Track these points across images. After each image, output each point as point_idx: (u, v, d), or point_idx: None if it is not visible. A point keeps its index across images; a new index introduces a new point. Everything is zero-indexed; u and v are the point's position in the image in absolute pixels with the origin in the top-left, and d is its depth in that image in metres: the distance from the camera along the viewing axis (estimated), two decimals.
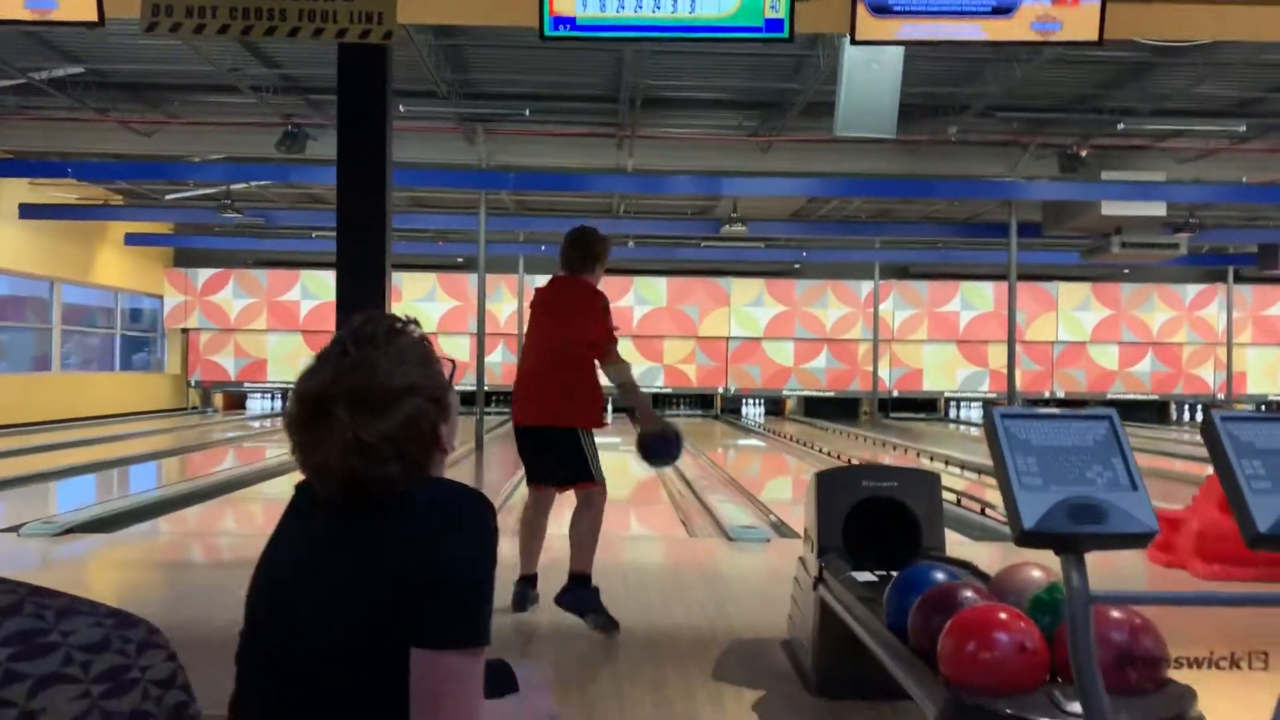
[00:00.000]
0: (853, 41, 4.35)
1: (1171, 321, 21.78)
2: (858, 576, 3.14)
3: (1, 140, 12.23)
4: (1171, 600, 1.69)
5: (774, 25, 4.23)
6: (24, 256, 16.00)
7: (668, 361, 21.58)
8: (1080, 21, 4.28)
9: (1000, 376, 18.98)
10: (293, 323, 20.67)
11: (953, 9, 4.33)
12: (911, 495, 3.39)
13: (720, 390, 21.88)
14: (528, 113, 11.40)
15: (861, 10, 4.33)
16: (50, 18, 4.16)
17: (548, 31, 4.28)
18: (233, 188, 14.89)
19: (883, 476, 3.50)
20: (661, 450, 4.50)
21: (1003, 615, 2.13)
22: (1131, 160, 12.36)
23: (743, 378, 21.77)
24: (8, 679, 0.73)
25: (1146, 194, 12.35)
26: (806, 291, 21.62)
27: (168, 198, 16.38)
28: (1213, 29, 6.28)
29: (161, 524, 7.50)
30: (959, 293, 21.63)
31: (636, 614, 4.46)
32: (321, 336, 1.53)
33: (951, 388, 21.90)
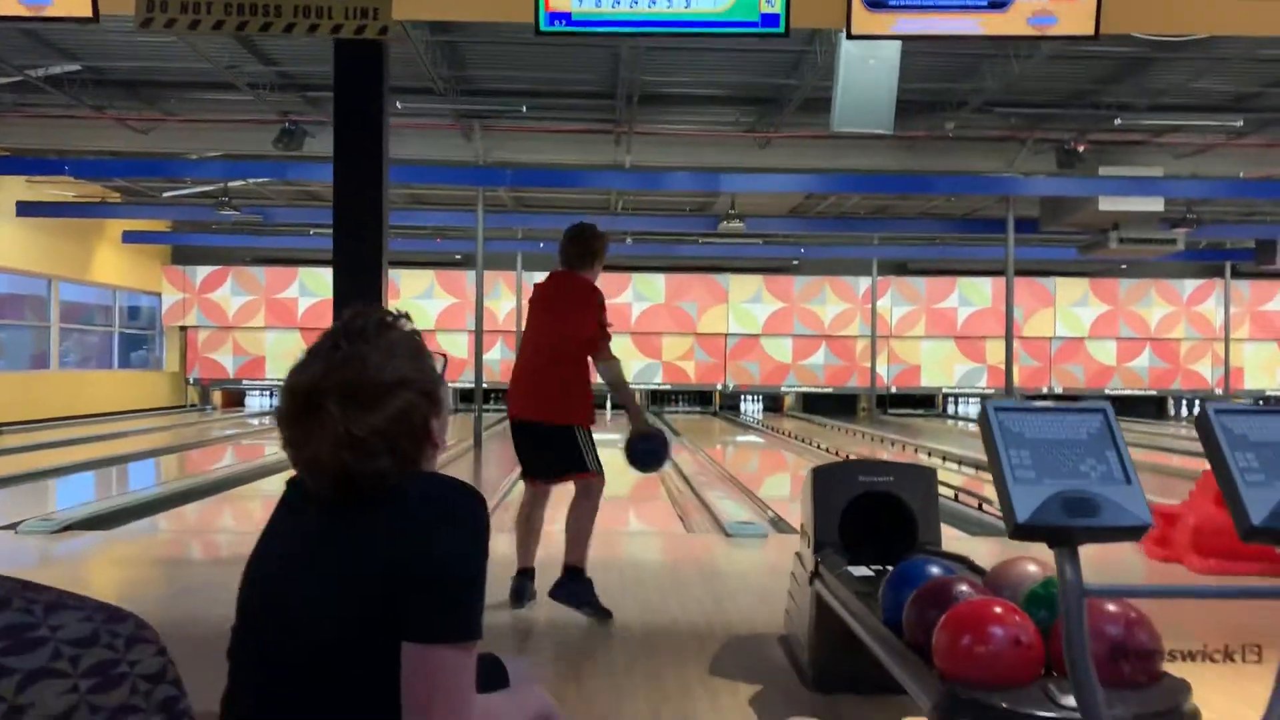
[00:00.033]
0: (848, 36, 4.34)
1: (1169, 317, 21.80)
2: (854, 571, 3.14)
3: None
4: (1165, 593, 1.70)
5: (769, 20, 4.23)
6: (21, 254, 15.99)
7: (666, 358, 21.58)
8: (1076, 16, 4.27)
9: (998, 372, 19.00)
10: (291, 320, 20.65)
11: (948, 3, 4.33)
12: (907, 490, 3.39)
13: (719, 387, 21.89)
14: (525, 109, 11.39)
15: (857, 5, 4.32)
16: (44, 14, 4.15)
17: (543, 26, 4.27)
18: (230, 185, 14.87)
19: (879, 471, 3.50)
20: (646, 455, 4.48)
21: (998, 609, 2.13)
22: (1129, 156, 12.35)
23: (741, 374, 21.77)
24: None
25: (1144, 189, 12.35)
26: (805, 288, 21.62)
27: (165, 195, 16.37)
28: (1209, 24, 6.28)
29: (160, 521, 7.50)
30: (957, 289, 21.63)
31: (634, 610, 4.46)
32: (319, 334, 1.53)
33: (949, 384, 21.90)
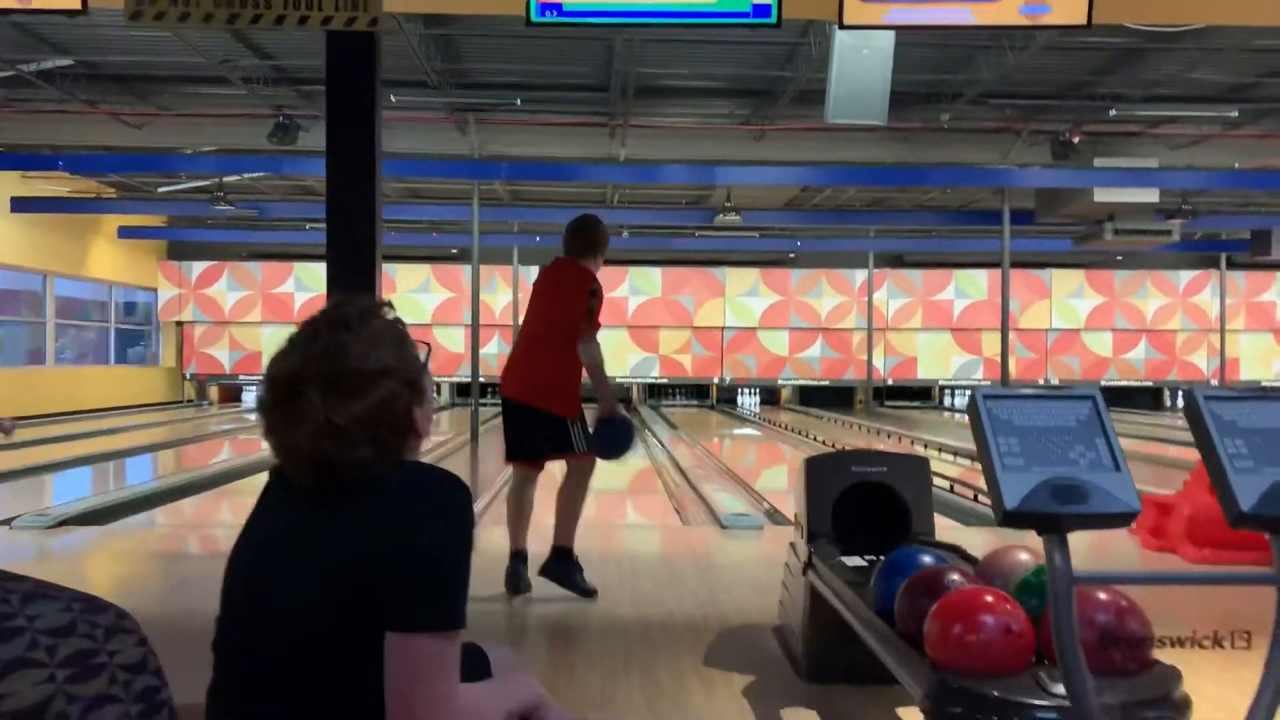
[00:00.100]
0: (840, 26, 4.33)
1: (1165, 308, 21.81)
2: (847, 561, 3.14)
3: None
4: (1153, 580, 1.70)
5: (761, 10, 4.21)
6: (16, 250, 15.96)
7: (663, 352, 21.58)
8: (1069, 5, 4.26)
9: (994, 364, 19.00)
10: (287, 315, 20.63)
11: None
12: (901, 480, 3.40)
13: (716, 380, 21.89)
14: (519, 102, 11.36)
15: None
16: (32, 5, 4.13)
17: (534, 17, 4.26)
18: (225, 180, 14.84)
19: (872, 462, 3.50)
20: (609, 440, 4.48)
21: (988, 598, 2.13)
22: (1124, 147, 12.35)
23: (738, 367, 21.77)
24: None
25: (1139, 180, 12.36)
26: (801, 281, 21.62)
27: (160, 190, 16.34)
28: (1204, 13, 6.28)
29: (157, 516, 7.49)
30: (953, 281, 21.63)
31: (629, 602, 4.47)
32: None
33: (946, 376, 21.92)
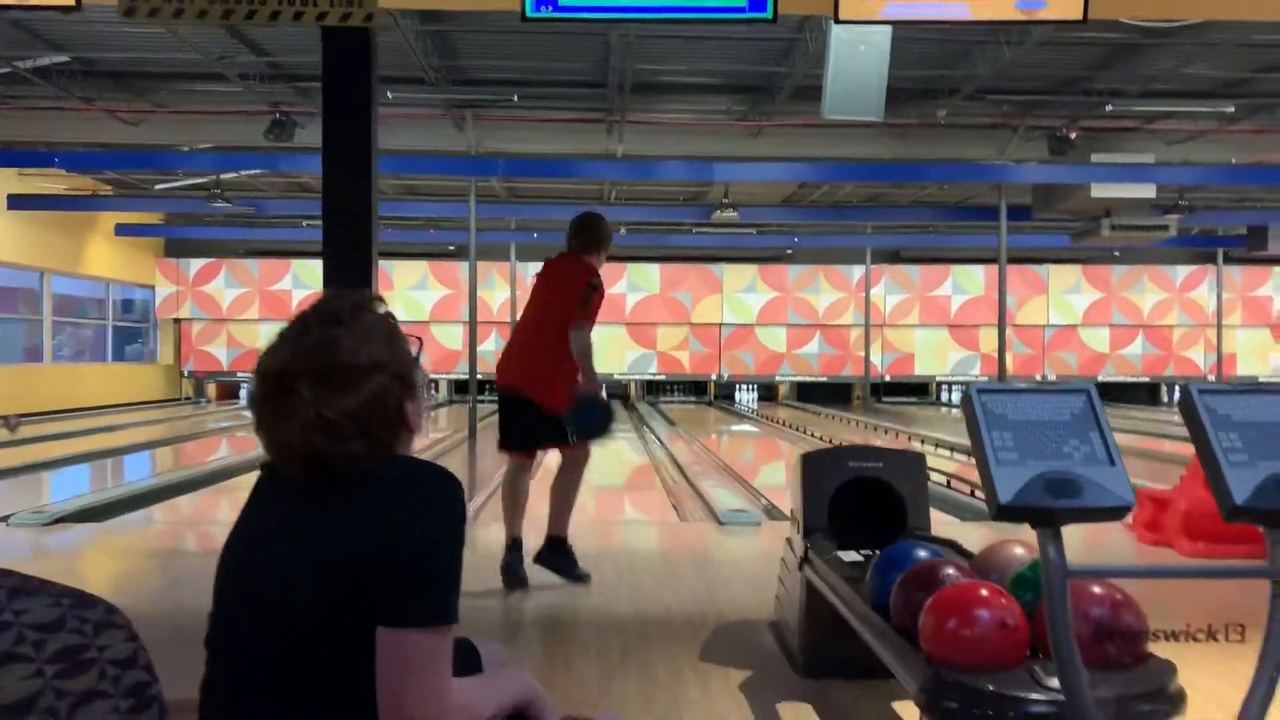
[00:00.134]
0: (836, 21, 4.33)
1: (1162, 304, 21.83)
2: (843, 556, 3.14)
3: None
4: (1147, 573, 1.70)
5: (757, 5, 4.21)
6: (13, 247, 15.93)
7: (661, 348, 21.58)
8: (1064, 0, 4.26)
9: (991, 360, 19.01)
10: (284, 312, 20.55)
11: None
12: (897, 475, 3.40)
13: (714, 376, 21.90)
14: (516, 99, 11.35)
15: None
16: (28, 1, 4.12)
17: (529, 13, 4.25)
18: (222, 177, 14.82)
19: (868, 457, 3.51)
20: (584, 420, 4.52)
21: (983, 592, 2.13)
22: (1121, 142, 12.35)
23: (736, 364, 21.77)
24: None
25: (1136, 176, 12.35)
26: (799, 277, 21.62)
27: (157, 187, 16.31)
28: (1200, 8, 6.28)
29: (154, 513, 7.50)
30: (950, 277, 21.64)
31: (626, 598, 4.47)
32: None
33: (943, 372, 21.93)
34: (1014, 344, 20.39)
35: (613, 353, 20.43)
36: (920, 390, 22.32)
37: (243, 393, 21.56)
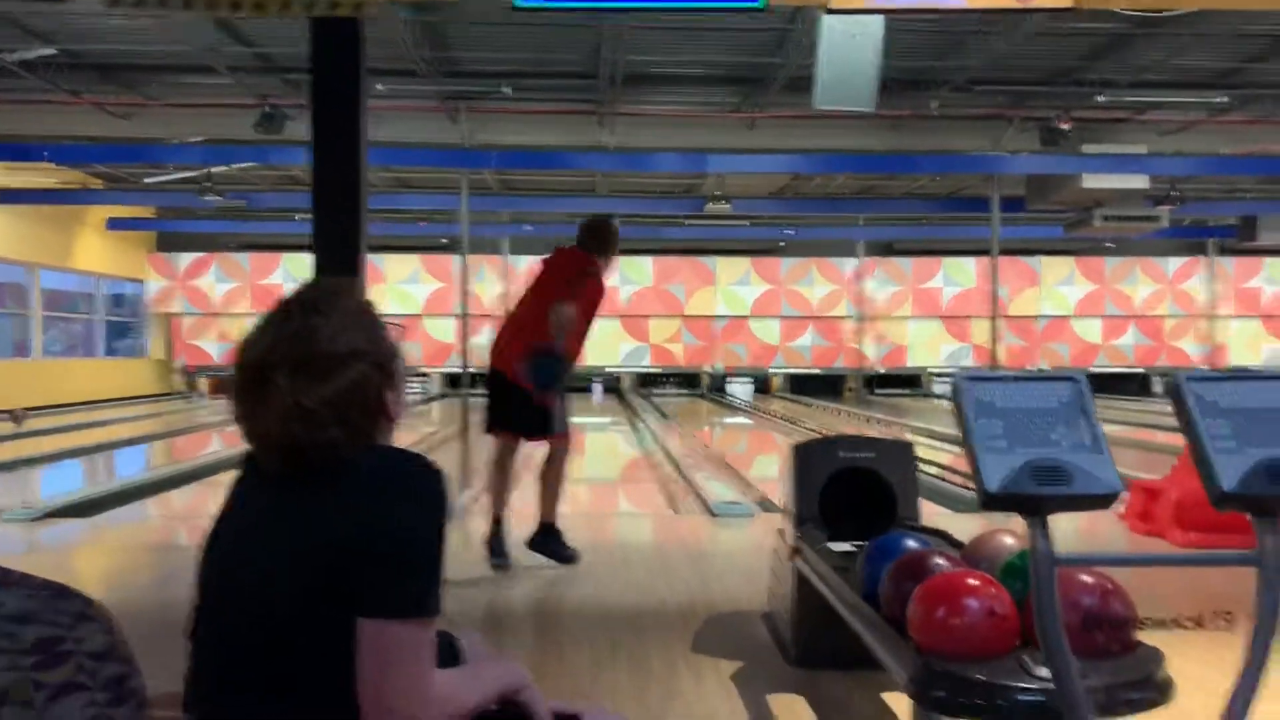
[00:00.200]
0: (827, 10, 4.32)
1: (1154, 295, 21.88)
2: (834, 547, 3.14)
3: None
4: (1134, 561, 1.70)
5: None
6: (1, 241, 15.86)
7: (654, 341, 21.57)
8: None
9: (984, 352, 19.04)
10: None
11: None
12: (887, 465, 3.40)
13: (707, 369, 21.90)
14: (508, 90, 11.30)
15: None
16: None
17: (518, 3, 4.24)
18: (213, 171, 14.76)
19: (859, 447, 3.50)
20: (540, 370, 4.57)
21: (972, 581, 2.12)
22: (1113, 133, 12.36)
23: (729, 356, 21.78)
24: None
25: (1128, 167, 12.37)
26: (792, 269, 21.63)
27: (147, 181, 16.23)
28: None
29: (146, 508, 7.48)
30: (942, 269, 21.67)
31: (619, 590, 4.47)
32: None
33: (935, 363, 21.96)
34: (1006, 335, 20.40)
35: (606, 345, 20.41)
36: (913, 382, 22.35)
37: None
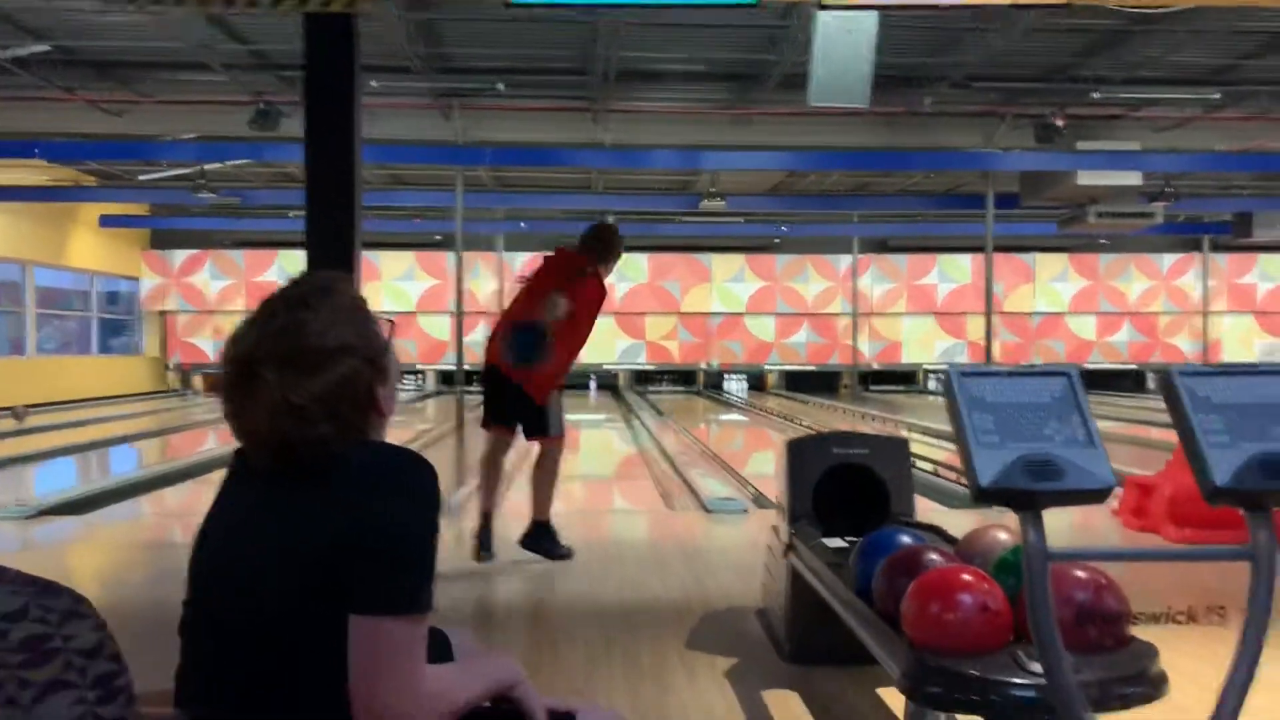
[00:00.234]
0: (820, 6, 4.31)
1: (1149, 291, 21.92)
2: (828, 542, 3.14)
3: None
4: (1126, 556, 1.70)
5: None
6: None
7: (650, 338, 21.57)
8: None
9: (979, 348, 19.05)
10: None
11: None
12: (881, 461, 3.40)
13: (703, 366, 21.90)
14: (502, 87, 11.29)
15: None
16: None
17: None
18: (207, 168, 14.71)
19: (853, 443, 3.50)
20: (519, 343, 4.62)
21: (966, 576, 2.12)
22: (1107, 130, 12.37)
23: (725, 353, 21.79)
24: None
25: (1122, 163, 12.38)
26: (787, 266, 21.64)
27: (141, 178, 16.18)
28: None
29: (140, 505, 7.46)
30: (937, 265, 21.69)
31: (614, 586, 4.47)
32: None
33: (930, 360, 21.98)
34: (1001, 332, 20.43)
35: (602, 343, 20.40)
36: (908, 379, 22.37)
37: None
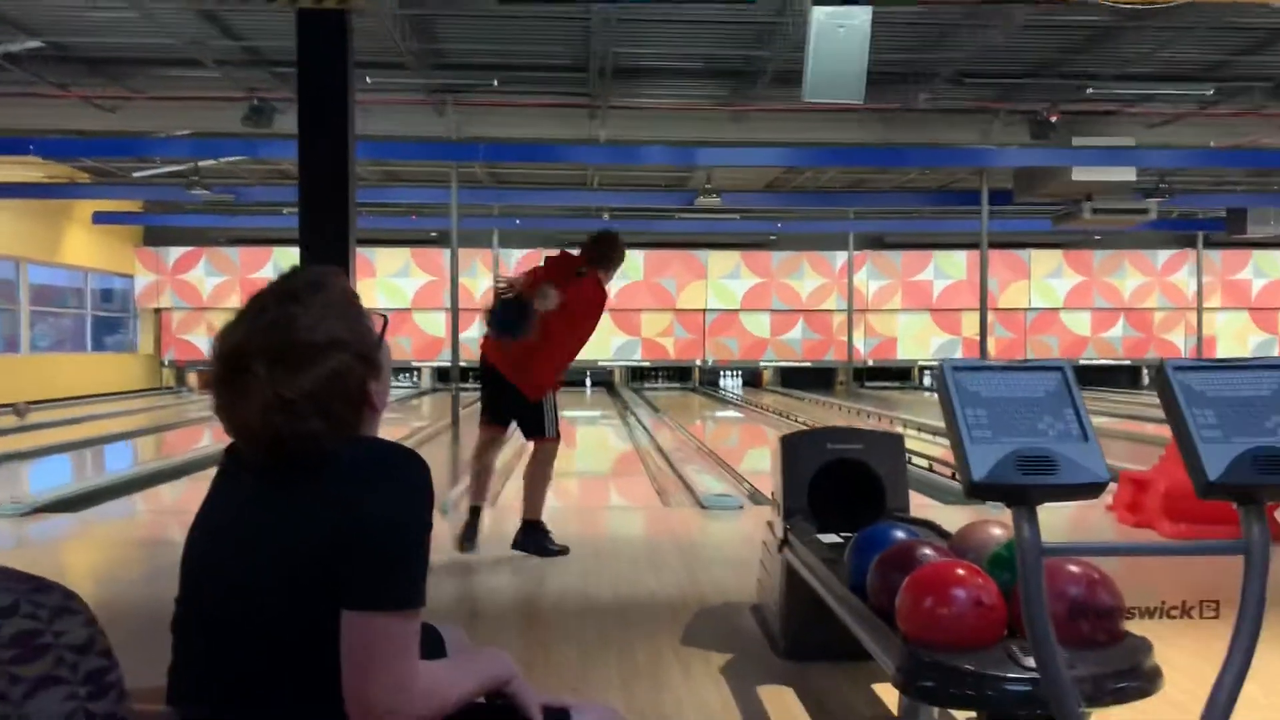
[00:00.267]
0: (814, 1, 4.30)
1: (1143, 287, 21.97)
2: (823, 538, 3.14)
3: None
4: (1120, 551, 1.70)
5: None
6: None
7: (645, 334, 21.57)
8: None
9: (973, 344, 19.08)
10: None
11: None
12: (875, 457, 3.40)
13: (698, 362, 21.91)
14: (496, 83, 11.27)
15: None
16: None
17: None
18: (201, 164, 14.67)
19: (847, 439, 3.50)
20: (501, 316, 4.66)
21: (960, 571, 2.12)
22: (1101, 126, 12.38)
23: (720, 350, 21.79)
24: None
25: (1116, 159, 12.38)
26: (782, 263, 21.65)
27: (135, 175, 16.14)
28: None
29: (135, 503, 7.46)
30: (932, 262, 21.71)
31: (609, 583, 4.47)
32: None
33: (925, 356, 22.01)
34: (996, 328, 20.47)
35: (597, 339, 20.36)
36: (903, 375, 22.40)
37: None
